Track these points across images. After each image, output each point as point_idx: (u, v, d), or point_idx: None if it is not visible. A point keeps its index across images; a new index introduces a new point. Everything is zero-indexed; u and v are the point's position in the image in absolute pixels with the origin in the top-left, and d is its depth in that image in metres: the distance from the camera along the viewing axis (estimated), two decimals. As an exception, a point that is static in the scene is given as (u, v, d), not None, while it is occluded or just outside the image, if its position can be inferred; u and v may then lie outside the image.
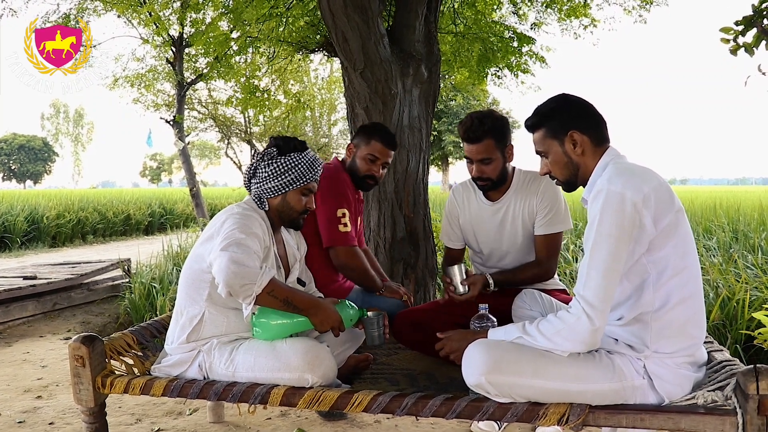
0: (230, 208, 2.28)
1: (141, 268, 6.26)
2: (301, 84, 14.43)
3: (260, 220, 2.25)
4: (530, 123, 2.03)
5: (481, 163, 2.62)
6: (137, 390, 2.14)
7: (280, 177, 2.28)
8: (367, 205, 4.17)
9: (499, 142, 2.59)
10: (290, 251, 2.49)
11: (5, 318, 5.19)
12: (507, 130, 2.63)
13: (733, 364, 1.90)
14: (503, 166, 2.64)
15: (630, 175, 1.78)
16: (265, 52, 7.43)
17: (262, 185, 2.31)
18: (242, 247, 2.03)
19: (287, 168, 2.28)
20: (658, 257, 1.78)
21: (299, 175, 2.29)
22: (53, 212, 13.74)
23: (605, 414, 1.79)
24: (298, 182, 2.30)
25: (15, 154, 69.98)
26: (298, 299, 2.11)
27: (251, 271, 1.98)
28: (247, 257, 2.00)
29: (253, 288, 1.98)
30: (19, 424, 3.01)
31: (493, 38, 6.50)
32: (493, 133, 2.57)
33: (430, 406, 1.87)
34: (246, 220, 2.16)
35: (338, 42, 3.97)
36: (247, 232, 2.10)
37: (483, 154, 2.59)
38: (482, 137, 2.57)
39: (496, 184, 2.68)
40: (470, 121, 2.59)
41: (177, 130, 11.56)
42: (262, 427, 2.88)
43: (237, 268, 1.96)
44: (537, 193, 2.66)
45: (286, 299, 2.08)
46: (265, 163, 2.30)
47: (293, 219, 2.37)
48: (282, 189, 2.30)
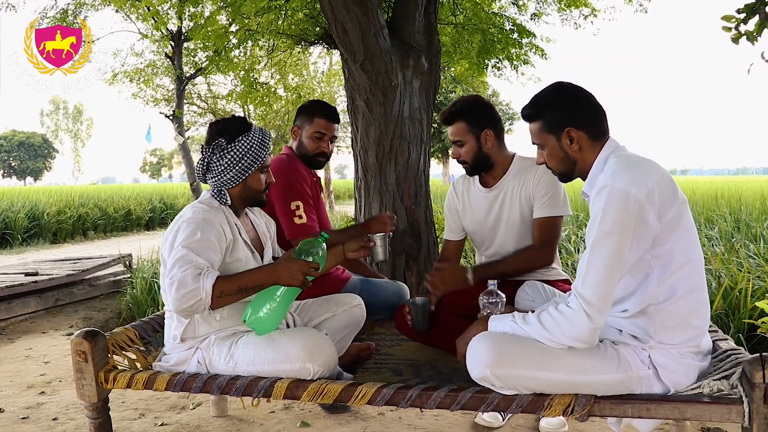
0: (185, 210, 2.18)
1: (142, 264, 6.25)
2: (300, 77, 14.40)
3: (218, 216, 2.16)
4: (526, 114, 1.99)
5: (456, 146, 2.68)
6: (140, 385, 2.13)
7: (237, 165, 2.19)
8: (369, 196, 4.16)
9: (471, 125, 2.62)
10: (260, 230, 2.44)
11: (7, 314, 5.19)
12: (484, 116, 2.63)
13: (738, 353, 1.89)
14: (478, 151, 2.65)
15: (633, 170, 1.74)
16: (264, 45, 7.41)
17: (220, 178, 2.22)
18: (183, 265, 1.95)
19: (241, 154, 2.18)
20: (662, 251, 1.76)
21: (254, 157, 2.20)
22: (54, 208, 13.74)
23: (611, 404, 1.78)
24: (255, 165, 2.21)
25: (15, 150, 69.94)
26: (252, 279, 2.04)
27: (192, 287, 1.92)
28: (183, 275, 1.93)
29: (202, 302, 1.94)
30: (23, 420, 3.01)
31: (493, 30, 6.47)
32: (464, 116, 2.61)
33: (434, 397, 1.86)
34: (196, 228, 2.06)
35: (338, 34, 3.95)
36: (193, 243, 2.01)
37: (455, 135, 2.66)
38: (452, 120, 2.64)
39: (475, 169, 2.71)
40: (449, 104, 2.67)
41: (177, 124, 11.52)
42: (265, 421, 2.88)
43: (178, 293, 1.91)
44: (534, 177, 2.64)
45: (240, 289, 2.01)
46: (217, 156, 2.20)
47: (257, 199, 2.30)
48: (241, 176, 2.21)
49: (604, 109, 1.94)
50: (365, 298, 2.70)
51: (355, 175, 4.36)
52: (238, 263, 2.20)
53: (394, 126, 4.04)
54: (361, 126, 4.14)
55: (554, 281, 2.68)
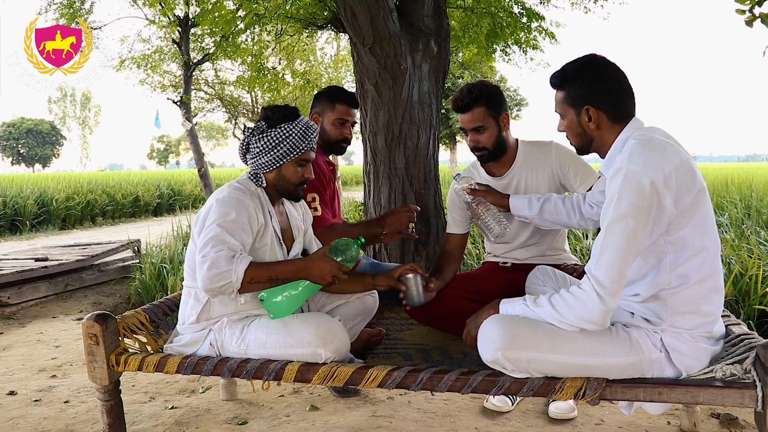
0: (221, 189, 2.20)
1: (151, 249, 6.28)
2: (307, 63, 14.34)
3: (252, 200, 2.17)
4: (553, 82, 1.98)
5: (475, 132, 2.60)
6: (151, 367, 2.14)
7: (273, 151, 2.18)
8: (378, 181, 4.15)
9: (490, 109, 2.56)
10: (294, 223, 2.41)
11: (18, 299, 5.22)
12: (499, 99, 2.59)
13: (751, 338, 1.88)
14: (498, 135, 2.60)
15: (651, 153, 1.71)
16: (272, 30, 7.37)
17: (256, 161, 2.22)
18: (216, 244, 1.98)
19: (278, 141, 2.17)
20: (677, 237, 1.75)
21: (292, 146, 2.18)
22: (62, 195, 13.81)
23: (622, 388, 1.77)
24: (292, 154, 2.20)
25: (23, 138, 70.16)
26: (284, 271, 2.06)
27: (225, 269, 1.94)
28: (219, 255, 1.95)
29: (231, 285, 1.96)
30: (35, 403, 3.03)
31: (502, 13, 6.41)
32: (482, 100, 2.55)
33: (445, 381, 1.86)
34: (229, 207, 2.08)
35: (347, 17, 3.93)
36: (228, 222, 2.03)
37: (474, 122, 2.58)
38: (471, 105, 2.56)
39: (493, 154, 2.64)
40: (459, 91, 2.59)
41: (184, 110, 11.50)
42: (275, 404, 2.89)
43: (210, 273, 1.93)
44: (551, 158, 2.63)
45: (270, 278, 2.03)
46: (256, 138, 2.21)
47: (291, 191, 2.28)
48: (276, 163, 2.21)
49: (632, 90, 1.91)
50: None
51: (364, 160, 4.34)
52: (263, 249, 2.20)
53: (403, 110, 4.02)
54: (370, 110, 4.11)
55: (564, 265, 2.68)
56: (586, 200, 2.31)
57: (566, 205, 2.37)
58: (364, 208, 4.44)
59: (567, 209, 2.36)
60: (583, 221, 2.33)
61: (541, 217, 2.41)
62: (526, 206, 2.42)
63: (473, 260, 5.37)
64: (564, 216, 2.37)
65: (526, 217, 2.44)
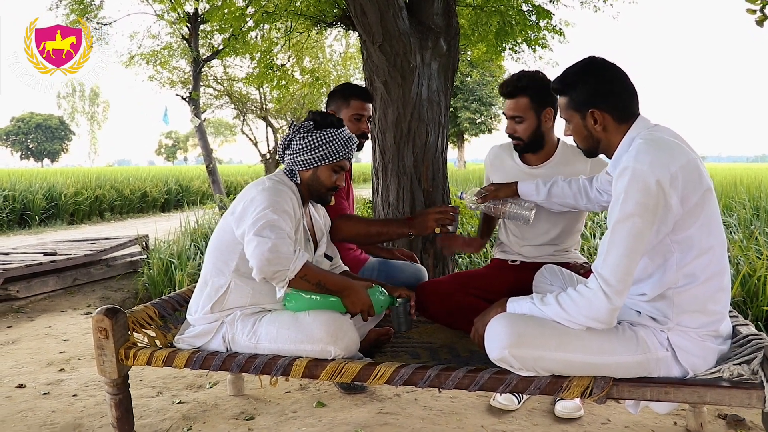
0: (261, 181, 2.27)
1: (159, 245, 6.30)
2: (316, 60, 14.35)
3: (291, 194, 2.25)
4: (555, 87, 1.99)
5: (513, 121, 2.59)
6: (160, 362, 2.15)
7: (314, 151, 2.28)
8: (386, 178, 4.15)
9: (534, 101, 2.53)
10: (317, 225, 2.49)
11: (27, 293, 5.26)
12: (547, 92, 2.52)
13: (759, 338, 1.88)
14: (536, 129, 2.58)
15: (657, 152, 1.72)
16: (281, 27, 7.38)
17: (295, 157, 2.31)
18: (276, 230, 2.05)
19: (321, 142, 2.27)
20: (683, 237, 1.75)
21: (332, 150, 2.28)
22: (71, 190, 13.86)
23: (629, 387, 1.78)
24: (331, 158, 2.29)
25: (32, 132, 70.47)
26: (331, 282, 2.15)
27: (285, 257, 2.02)
28: (281, 242, 2.03)
29: (286, 273, 2.03)
30: (44, 396, 3.05)
31: (511, 12, 6.40)
32: (528, 91, 2.52)
33: (452, 378, 1.87)
34: (277, 196, 2.16)
35: (356, 15, 3.93)
36: (279, 211, 2.11)
37: (514, 111, 2.56)
38: (515, 93, 2.54)
39: (528, 146, 2.63)
40: (510, 76, 2.59)
41: (193, 107, 11.55)
42: (282, 401, 2.90)
43: (271, 255, 2.00)
44: (587, 168, 2.62)
45: (319, 282, 2.11)
46: (300, 136, 2.30)
47: (322, 194, 2.37)
48: (314, 163, 2.30)
49: (634, 89, 1.91)
50: (383, 279, 2.69)
51: (372, 157, 4.35)
52: (296, 243, 2.25)
53: (412, 108, 4.02)
54: (379, 108, 4.12)
55: (573, 264, 2.68)
56: (593, 185, 2.32)
57: (573, 188, 2.38)
58: (372, 205, 4.44)
59: (574, 192, 2.38)
60: (591, 204, 2.35)
61: (549, 201, 2.43)
62: (534, 191, 2.44)
63: (480, 259, 5.37)
64: (571, 199, 2.39)
65: (534, 201, 2.45)
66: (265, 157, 14.84)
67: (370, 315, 2.19)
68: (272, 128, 15.26)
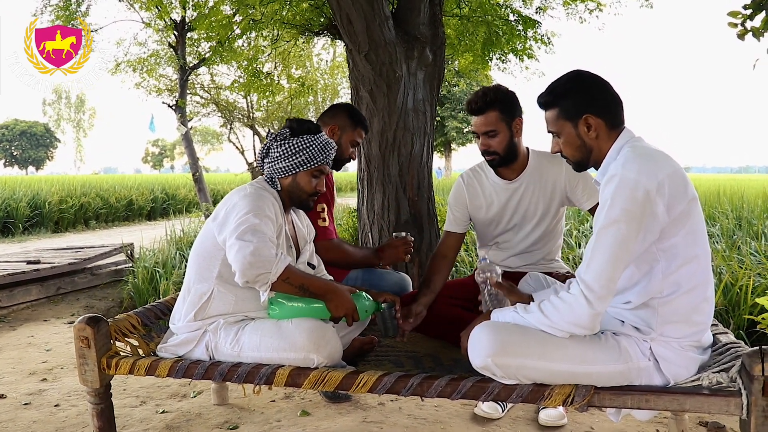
0: (243, 187, 2.28)
1: (144, 253, 6.27)
2: (303, 69, 14.37)
3: (273, 200, 2.26)
4: (543, 101, 1.98)
5: (486, 136, 2.59)
6: (142, 371, 2.14)
7: (292, 157, 2.30)
8: (371, 187, 4.17)
9: (504, 114, 2.55)
10: (300, 233, 2.49)
11: (9, 302, 5.21)
12: (514, 104, 2.57)
13: (738, 346, 1.90)
14: (510, 140, 2.59)
15: (645, 161, 1.74)
16: (268, 36, 7.39)
17: (274, 165, 2.32)
18: (257, 234, 2.05)
19: (299, 149, 2.29)
20: (669, 245, 1.76)
21: (310, 156, 2.30)
22: (56, 198, 13.76)
23: (610, 395, 1.79)
24: (309, 164, 2.31)
25: (17, 140, 69.83)
26: (315, 285, 2.15)
27: (267, 260, 2.02)
28: (263, 245, 2.03)
29: (268, 276, 2.02)
30: (24, 406, 3.03)
31: (498, 22, 6.45)
32: (496, 104, 2.54)
33: (435, 386, 1.87)
34: (259, 201, 2.17)
35: (342, 24, 3.95)
36: (261, 216, 2.11)
37: (486, 126, 2.56)
38: (485, 109, 2.55)
39: (504, 160, 2.63)
40: (474, 94, 2.60)
41: (180, 114, 11.52)
42: (266, 410, 2.89)
43: (253, 258, 1.99)
44: (562, 170, 2.64)
45: (302, 285, 2.11)
46: (277, 144, 2.32)
47: (303, 200, 2.38)
48: (293, 169, 2.31)
49: (620, 98, 1.93)
50: (367, 287, 2.70)
51: (358, 166, 4.36)
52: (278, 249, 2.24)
53: (397, 117, 4.04)
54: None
55: (556, 273, 2.69)
56: None
57: None
58: (358, 214, 4.45)
59: None
60: None
61: None
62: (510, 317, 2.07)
63: (466, 268, 5.39)
64: None
65: None
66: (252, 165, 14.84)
67: (354, 319, 2.19)
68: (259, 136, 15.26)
